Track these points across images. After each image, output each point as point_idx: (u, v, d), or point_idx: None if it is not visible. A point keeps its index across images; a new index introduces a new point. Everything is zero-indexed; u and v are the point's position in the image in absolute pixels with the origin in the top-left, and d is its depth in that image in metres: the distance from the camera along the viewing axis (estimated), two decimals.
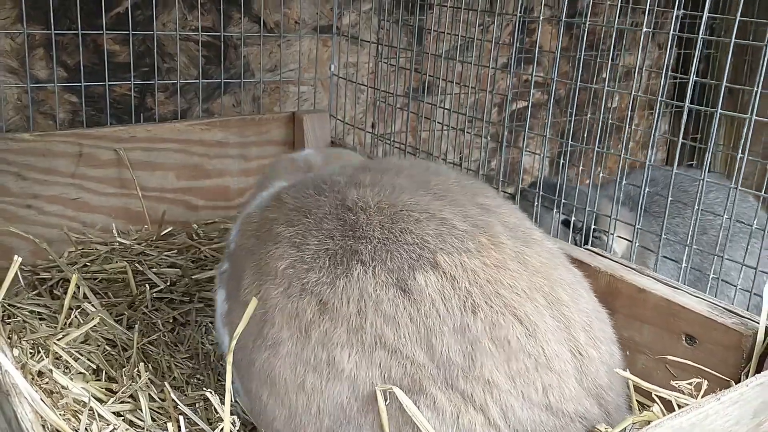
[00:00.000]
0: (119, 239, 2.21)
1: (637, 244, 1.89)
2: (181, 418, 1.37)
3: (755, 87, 1.59)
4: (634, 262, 1.87)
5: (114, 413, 1.43)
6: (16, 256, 1.35)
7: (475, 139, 2.73)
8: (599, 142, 2.13)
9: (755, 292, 1.77)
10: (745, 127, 1.64)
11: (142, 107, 2.55)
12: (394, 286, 1.12)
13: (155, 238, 2.27)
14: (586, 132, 2.88)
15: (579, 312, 1.18)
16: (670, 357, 1.45)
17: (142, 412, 1.45)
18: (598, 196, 2.07)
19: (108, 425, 1.37)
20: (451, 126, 2.53)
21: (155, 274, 2.04)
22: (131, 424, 1.43)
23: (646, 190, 1.86)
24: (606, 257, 1.67)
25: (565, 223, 2.29)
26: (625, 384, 1.27)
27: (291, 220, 1.26)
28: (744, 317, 1.40)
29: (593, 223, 2.10)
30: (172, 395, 1.44)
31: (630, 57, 3.48)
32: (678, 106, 1.77)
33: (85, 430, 1.33)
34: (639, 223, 1.87)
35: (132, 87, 2.50)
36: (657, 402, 1.19)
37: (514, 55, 2.45)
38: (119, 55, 2.47)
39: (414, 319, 1.10)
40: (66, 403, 1.40)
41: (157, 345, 1.75)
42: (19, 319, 1.76)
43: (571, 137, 2.02)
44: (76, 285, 1.81)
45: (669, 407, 1.21)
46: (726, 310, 1.43)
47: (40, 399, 1.12)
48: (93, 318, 1.73)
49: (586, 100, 3.23)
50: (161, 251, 2.19)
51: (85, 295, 1.84)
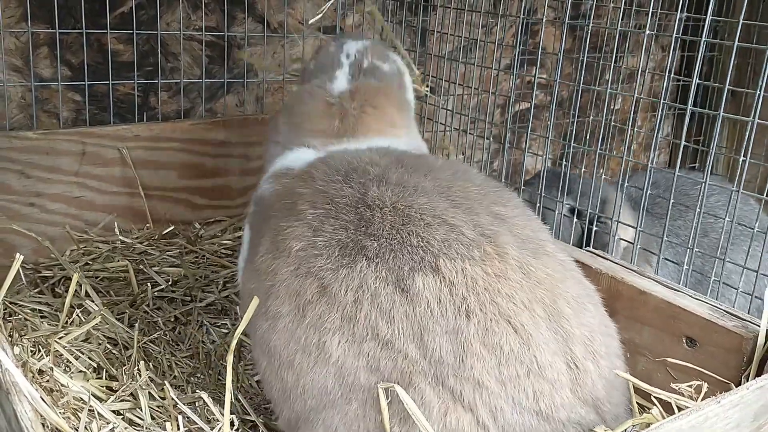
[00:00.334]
0: (121, 238, 2.22)
1: (638, 247, 1.88)
2: (180, 417, 1.37)
3: (757, 90, 1.59)
4: (636, 259, 1.87)
5: (114, 412, 1.43)
6: (18, 254, 1.36)
7: (478, 140, 2.72)
8: (602, 144, 2.13)
9: (756, 295, 1.77)
10: (748, 130, 1.64)
11: (145, 106, 2.55)
12: (393, 284, 1.16)
13: (157, 237, 2.27)
14: (589, 134, 2.88)
15: (580, 326, 1.19)
16: (671, 359, 1.45)
17: (141, 410, 1.45)
18: (603, 184, 2.06)
19: (107, 424, 1.37)
20: (454, 127, 2.53)
21: (157, 273, 2.05)
22: (131, 422, 1.43)
23: (648, 192, 1.86)
24: (607, 259, 1.67)
25: (571, 210, 2.27)
26: (625, 397, 1.26)
27: (315, 201, 1.31)
28: (745, 320, 1.39)
29: (598, 211, 2.10)
30: (172, 394, 1.44)
31: (633, 59, 3.47)
32: (681, 109, 1.76)
33: (85, 428, 1.33)
34: (641, 225, 1.87)
35: (135, 86, 2.50)
36: (656, 404, 1.19)
37: (517, 57, 2.46)
38: (123, 55, 2.47)
39: (409, 316, 1.13)
40: (66, 401, 1.40)
41: (158, 344, 1.76)
42: (20, 317, 1.76)
43: (573, 139, 2.02)
44: (77, 283, 1.82)
45: (669, 410, 1.20)
46: (727, 312, 1.42)
47: (40, 397, 1.12)
48: (94, 316, 1.74)
49: (589, 101, 3.23)
50: (163, 251, 2.20)
51: (87, 294, 1.84)
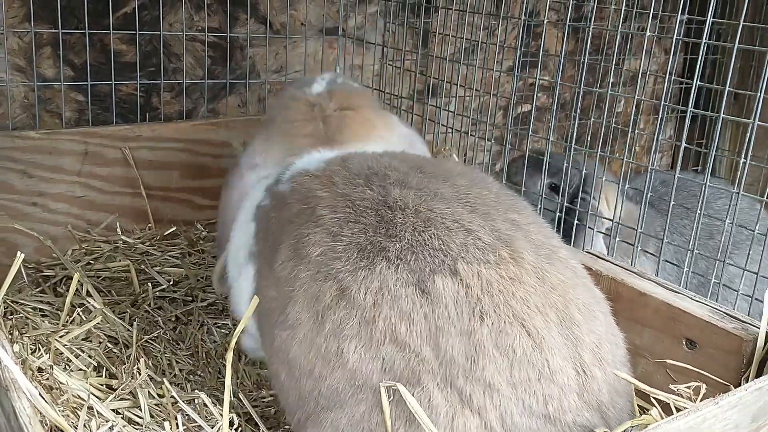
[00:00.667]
0: (123, 238, 2.22)
1: (639, 247, 1.88)
2: (180, 415, 1.37)
3: (758, 92, 1.59)
4: (637, 251, 1.87)
5: (113, 410, 1.43)
6: (19, 252, 1.36)
7: (480, 142, 2.72)
8: (604, 147, 2.12)
9: (757, 298, 1.77)
10: (749, 132, 1.63)
11: (147, 107, 2.56)
12: (413, 285, 1.16)
13: (159, 237, 2.27)
14: (591, 136, 2.87)
15: (590, 333, 1.20)
16: (670, 361, 1.45)
17: (141, 409, 1.45)
18: (585, 161, 2.06)
19: (107, 422, 1.37)
20: (456, 129, 2.53)
21: (158, 273, 2.05)
22: (130, 421, 1.43)
23: (657, 189, 1.86)
24: (607, 261, 1.67)
25: (552, 187, 2.27)
26: (628, 402, 1.26)
27: (335, 205, 1.31)
28: (745, 322, 1.39)
29: (581, 188, 2.09)
30: (172, 392, 1.44)
31: (635, 61, 3.47)
32: (683, 111, 1.76)
33: (84, 426, 1.33)
34: (642, 223, 1.87)
35: (138, 86, 2.51)
36: (655, 405, 1.19)
37: (519, 59, 2.46)
38: (126, 55, 2.48)
39: (428, 318, 1.14)
40: (65, 399, 1.41)
41: (159, 342, 1.76)
42: (21, 315, 1.76)
43: (575, 141, 2.02)
44: (78, 282, 1.82)
45: (668, 411, 1.20)
46: (726, 314, 1.42)
47: (39, 395, 1.13)
48: (95, 315, 1.74)
49: (591, 104, 3.23)
50: (164, 251, 2.20)
51: (88, 293, 1.85)
